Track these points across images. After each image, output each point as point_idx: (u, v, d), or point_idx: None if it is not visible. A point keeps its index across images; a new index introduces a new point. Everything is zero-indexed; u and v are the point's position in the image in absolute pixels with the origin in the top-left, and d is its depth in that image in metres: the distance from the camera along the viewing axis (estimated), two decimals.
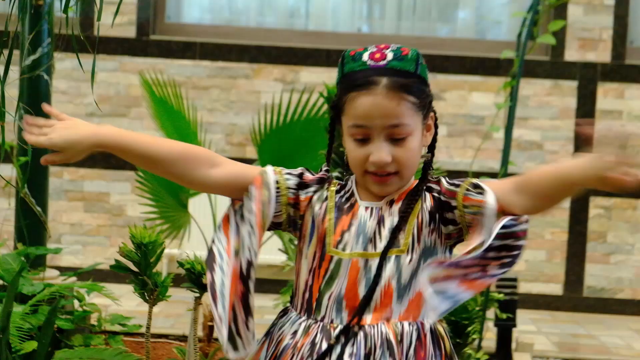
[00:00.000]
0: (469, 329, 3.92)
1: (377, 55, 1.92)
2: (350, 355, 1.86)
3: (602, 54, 6.55)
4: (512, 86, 4.79)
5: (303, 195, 2.00)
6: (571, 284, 6.60)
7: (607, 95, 6.56)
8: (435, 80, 6.55)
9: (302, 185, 2.00)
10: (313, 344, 1.91)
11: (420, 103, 1.95)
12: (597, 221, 6.58)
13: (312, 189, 2.00)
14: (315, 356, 1.87)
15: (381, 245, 1.90)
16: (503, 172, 4.74)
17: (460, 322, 3.91)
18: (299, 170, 2.04)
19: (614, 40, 6.55)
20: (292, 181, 1.99)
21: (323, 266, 1.94)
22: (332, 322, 1.91)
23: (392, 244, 1.89)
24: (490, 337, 5.04)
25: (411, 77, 1.95)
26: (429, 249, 1.92)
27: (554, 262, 6.59)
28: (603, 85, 6.56)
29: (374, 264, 1.89)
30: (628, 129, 1.77)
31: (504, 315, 4.92)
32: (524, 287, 6.56)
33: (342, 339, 1.87)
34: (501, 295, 4.85)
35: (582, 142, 1.81)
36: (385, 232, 1.91)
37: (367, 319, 1.88)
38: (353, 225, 1.93)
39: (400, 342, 1.86)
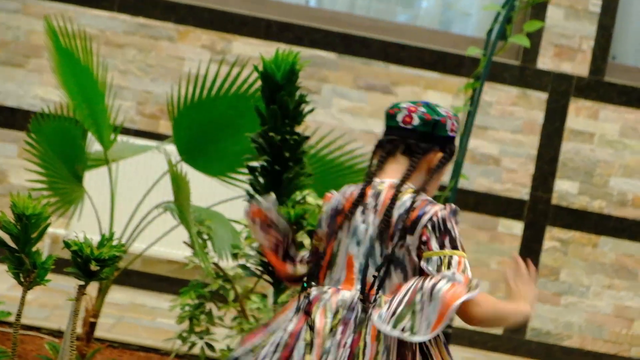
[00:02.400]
0: None
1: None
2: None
3: (580, 66, 6.61)
4: (474, 89, 4.83)
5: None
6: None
7: (579, 114, 6.63)
8: (387, 72, 6.56)
9: None
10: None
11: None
12: (551, 255, 6.65)
13: None
14: None
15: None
16: (452, 186, 4.76)
17: None
18: None
19: (594, 52, 6.61)
20: None
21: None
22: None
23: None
24: None
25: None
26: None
27: (497, 296, 6.61)
28: (576, 101, 6.62)
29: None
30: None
31: None
32: (459, 321, 6.58)
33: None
34: None
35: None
36: None
37: None
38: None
39: None
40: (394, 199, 2.63)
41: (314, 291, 2.67)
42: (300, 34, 6.59)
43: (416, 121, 2.70)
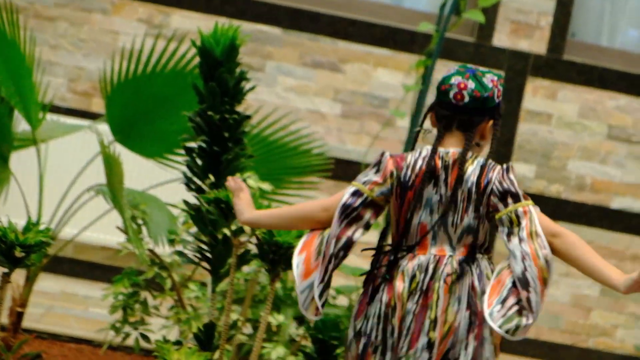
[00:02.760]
0: (338, 350, 3.93)
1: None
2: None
3: (537, 44, 6.64)
4: (427, 66, 4.82)
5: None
6: None
7: (536, 94, 6.66)
8: (335, 48, 6.54)
9: None
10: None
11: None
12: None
13: None
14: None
15: None
16: None
17: (328, 341, 3.92)
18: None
19: (552, 29, 6.64)
20: None
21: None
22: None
23: None
24: None
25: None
26: None
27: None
28: (533, 81, 6.65)
29: None
30: None
31: None
32: None
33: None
34: None
35: None
36: None
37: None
38: None
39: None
40: (461, 171, 3.11)
41: (391, 257, 3.16)
42: (243, 7, 6.54)
43: (467, 99, 3.12)
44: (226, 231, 3.82)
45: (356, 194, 3.14)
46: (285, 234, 3.62)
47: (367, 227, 3.16)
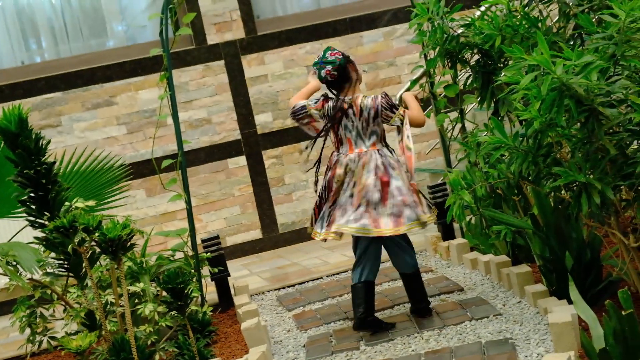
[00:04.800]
0: (186, 290, 3.93)
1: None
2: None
3: (237, 32, 6.69)
4: (167, 78, 4.80)
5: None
6: (267, 227, 6.77)
7: (251, 65, 6.73)
8: (105, 89, 6.44)
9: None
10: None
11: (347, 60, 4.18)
12: (272, 169, 6.78)
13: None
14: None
15: None
16: (181, 152, 4.75)
17: (176, 287, 3.91)
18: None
19: (243, 18, 6.70)
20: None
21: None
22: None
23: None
24: (212, 290, 5.11)
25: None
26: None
27: (248, 213, 6.74)
28: (245, 57, 6.71)
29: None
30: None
31: (216, 270, 5.00)
32: (229, 241, 6.66)
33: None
34: (208, 254, 4.92)
35: None
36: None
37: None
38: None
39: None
40: (361, 105, 4.10)
41: (334, 157, 4.17)
42: (28, 87, 6.36)
43: (336, 69, 4.13)
44: (72, 245, 3.77)
45: (303, 107, 4.21)
46: (113, 230, 3.59)
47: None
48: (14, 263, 4.20)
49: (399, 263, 4.20)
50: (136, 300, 4.27)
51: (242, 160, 6.70)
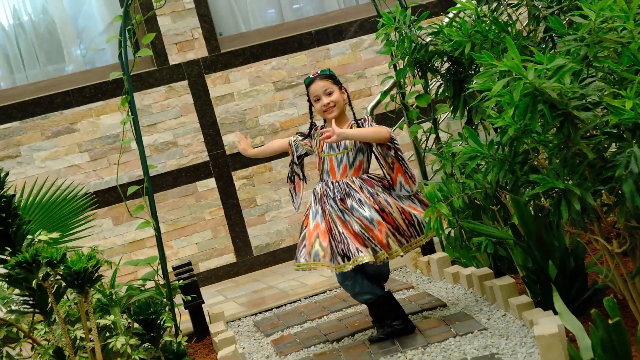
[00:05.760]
0: (159, 321, 3.89)
1: (313, 73, 4.24)
2: (336, 191, 4.19)
3: (200, 51, 6.67)
4: (129, 101, 4.76)
5: (308, 139, 4.39)
6: (241, 250, 6.74)
7: (216, 84, 6.71)
8: (64, 117, 6.39)
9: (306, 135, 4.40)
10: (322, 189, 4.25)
11: (334, 81, 4.21)
12: (243, 190, 6.75)
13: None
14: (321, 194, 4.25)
15: (340, 149, 4.23)
16: (147, 178, 4.71)
17: (148, 318, 3.87)
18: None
19: (205, 36, 6.68)
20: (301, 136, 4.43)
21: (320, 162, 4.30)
22: (326, 181, 4.24)
23: (345, 147, 4.22)
24: (187, 319, 5.06)
25: (327, 76, 4.22)
26: (360, 149, 4.19)
27: (221, 236, 6.69)
28: (210, 76, 6.69)
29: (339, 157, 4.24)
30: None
31: (189, 297, 4.95)
32: (202, 267, 6.61)
33: (332, 186, 4.19)
34: (180, 282, 4.87)
35: None
36: (342, 144, 4.22)
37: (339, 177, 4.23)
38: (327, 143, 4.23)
39: (354, 182, 4.19)
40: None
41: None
42: None
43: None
44: (36, 280, 3.70)
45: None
46: (78, 262, 3.54)
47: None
48: None
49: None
50: (107, 334, 4.22)
51: (211, 182, 6.66)
